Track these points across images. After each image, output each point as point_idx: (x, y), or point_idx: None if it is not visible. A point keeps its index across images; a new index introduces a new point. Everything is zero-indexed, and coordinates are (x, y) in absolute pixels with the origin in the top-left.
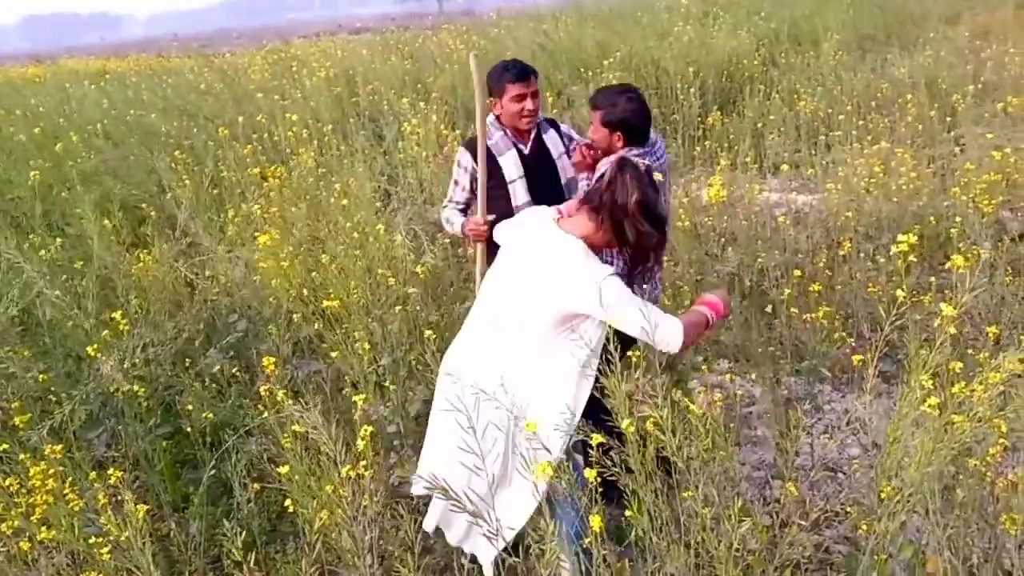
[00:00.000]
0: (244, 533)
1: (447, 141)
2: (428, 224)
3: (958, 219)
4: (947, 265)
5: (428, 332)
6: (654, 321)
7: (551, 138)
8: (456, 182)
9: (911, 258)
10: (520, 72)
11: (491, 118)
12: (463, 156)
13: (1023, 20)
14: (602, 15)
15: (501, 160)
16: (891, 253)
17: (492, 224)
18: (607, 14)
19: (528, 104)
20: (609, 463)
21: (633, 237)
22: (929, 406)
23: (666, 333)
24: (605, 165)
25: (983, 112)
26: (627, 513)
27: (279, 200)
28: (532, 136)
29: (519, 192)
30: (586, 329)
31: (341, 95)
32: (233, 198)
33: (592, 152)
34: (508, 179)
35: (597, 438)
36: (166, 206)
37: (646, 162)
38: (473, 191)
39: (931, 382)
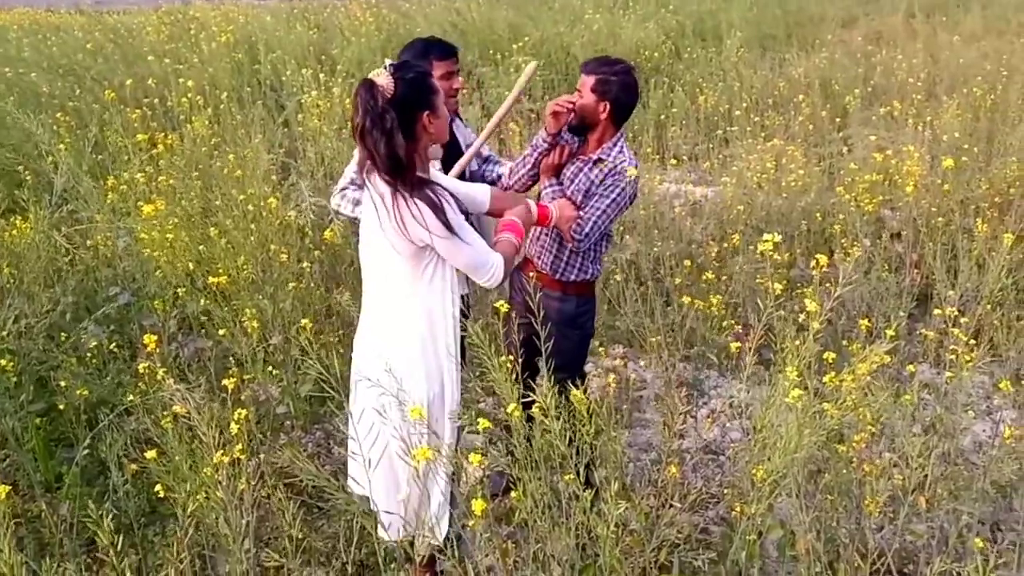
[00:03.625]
0: (121, 515)
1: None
2: (327, 198)
3: (841, 216)
4: (828, 260)
5: (304, 321)
6: (475, 259)
7: (460, 129)
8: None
9: (797, 251)
10: (446, 49)
11: None
12: None
13: (912, 28)
14: None
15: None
16: (758, 250)
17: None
18: None
19: (455, 83)
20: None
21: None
22: (793, 397)
23: (488, 272)
24: (570, 170)
25: (871, 115)
26: (512, 495)
27: (168, 168)
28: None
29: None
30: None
31: (241, 62)
32: (118, 164)
33: (571, 115)
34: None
35: (484, 423)
36: (45, 170)
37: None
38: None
39: (799, 373)
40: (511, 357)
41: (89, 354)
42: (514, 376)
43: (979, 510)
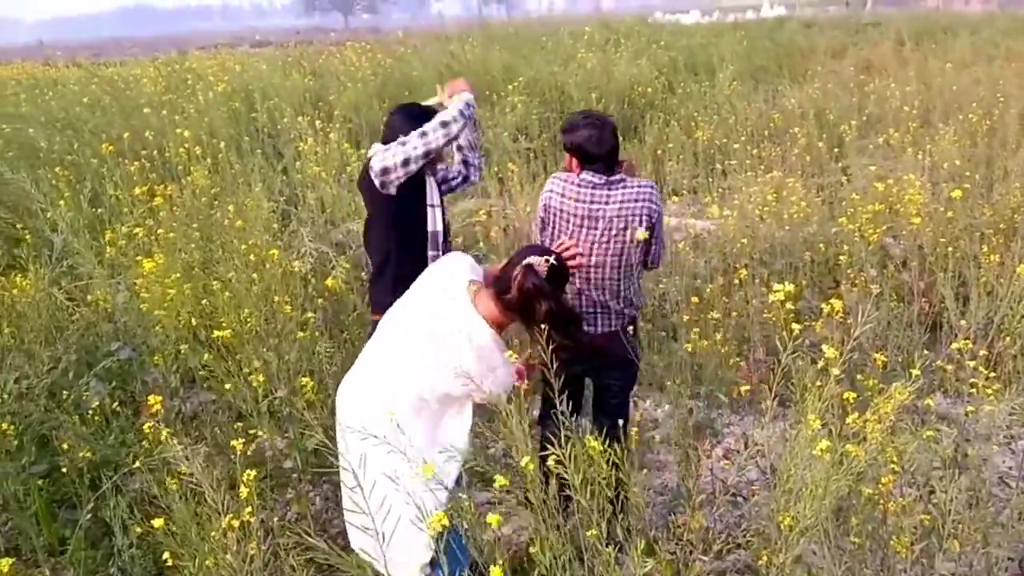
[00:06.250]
0: None
1: (351, 160)
2: (331, 245)
3: (846, 247)
4: (836, 288)
5: (304, 379)
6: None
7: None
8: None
9: (803, 283)
10: None
11: None
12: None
13: (902, 56)
14: (508, 38)
15: (428, 180)
16: (770, 299)
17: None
18: (513, 37)
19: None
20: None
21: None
22: (820, 449)
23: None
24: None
25: (867, 143)
26: (530, 550)
27: (168, 221)
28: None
29: (437, 218)
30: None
31: (238, 111)
32: (117, 218)
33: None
34: (429, 202)
35: (501, 480)
36: (43, 227)
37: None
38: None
39: (819, 421)
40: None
41: (91, 412)
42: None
43: (1008, 548)
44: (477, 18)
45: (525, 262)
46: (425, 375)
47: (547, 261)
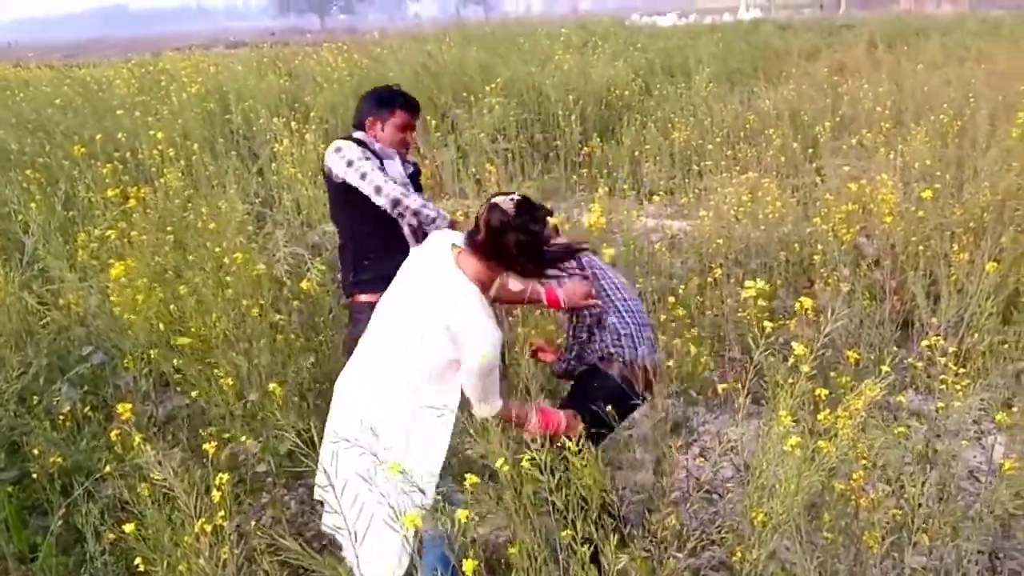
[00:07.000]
0: None
1: None
2: (307, 247)
3: (820, 246)
4: (810, 287)
5: (273, 386)
6: (485, 397)
7: (397, 164)
8: (379, 167)
9: (778, 282)
10: (413, 103)
11: (361, 136)
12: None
13: (874, 58)
14: (485, 38)
15: (387, 164)
16: (742, 297)
17: None
18: (490, 38)
19: (410, 137)
20: None
21: (521, 274)
22: (791, 445)
23: (485, 409)
24: None
25: (841, 144)
26: (510, 550)
27: (140, 223)
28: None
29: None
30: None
31: (213, 112)
32: (90, 220)
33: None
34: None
35: (472, 478)
36: (14, 229)
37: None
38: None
39: (791, 418)
40: None
41: (62, 418)
42: None
43: (978, 541)
44: (454, 18)
45: (490, 202)
46: (420, 350)
47: (512, 199)
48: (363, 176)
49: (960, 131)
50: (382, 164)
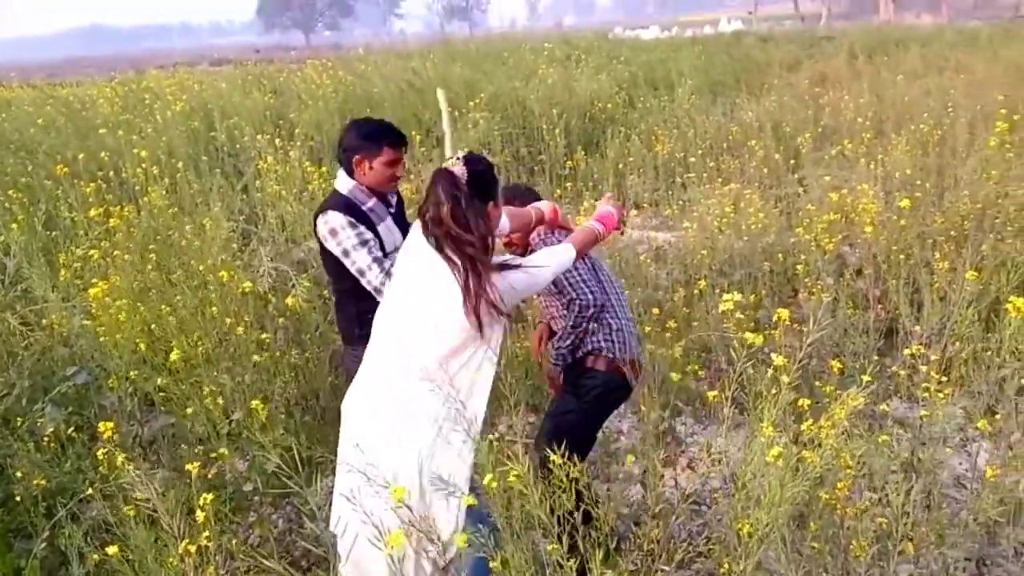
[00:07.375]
0: None
1: (312, 178)
2: (292, 264)
3: (803, 256)
4: (794, 298)
5: (255, 403)
6: (549, 266)
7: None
8: (364, 242)
9: (762, 292)
10: (400, 137)
11: (350, 185)
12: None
13: (855, 69)
14: (469, 54)
15: (380, 229)
16: (720, 308)
17: None
18: (474, 54)
19: (399, 171)
20: None
21: (456, 246)
22: (773, 456)
23: (563, 262)
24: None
25: (823, 155)
26: (491, 566)
27: (124, 243)
28: (394, 198)
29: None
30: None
31: (197, 130)
32: (72, 240)
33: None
34: (387, 250)
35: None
36: None
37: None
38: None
39: (774, 429)
40: None
41: (46, 439)
42: None
43: (964, 549)
44: (439, 34)
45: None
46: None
47: (456, 160)
48: (345, 254)
49: (940, 140)
50: (376, 231)
